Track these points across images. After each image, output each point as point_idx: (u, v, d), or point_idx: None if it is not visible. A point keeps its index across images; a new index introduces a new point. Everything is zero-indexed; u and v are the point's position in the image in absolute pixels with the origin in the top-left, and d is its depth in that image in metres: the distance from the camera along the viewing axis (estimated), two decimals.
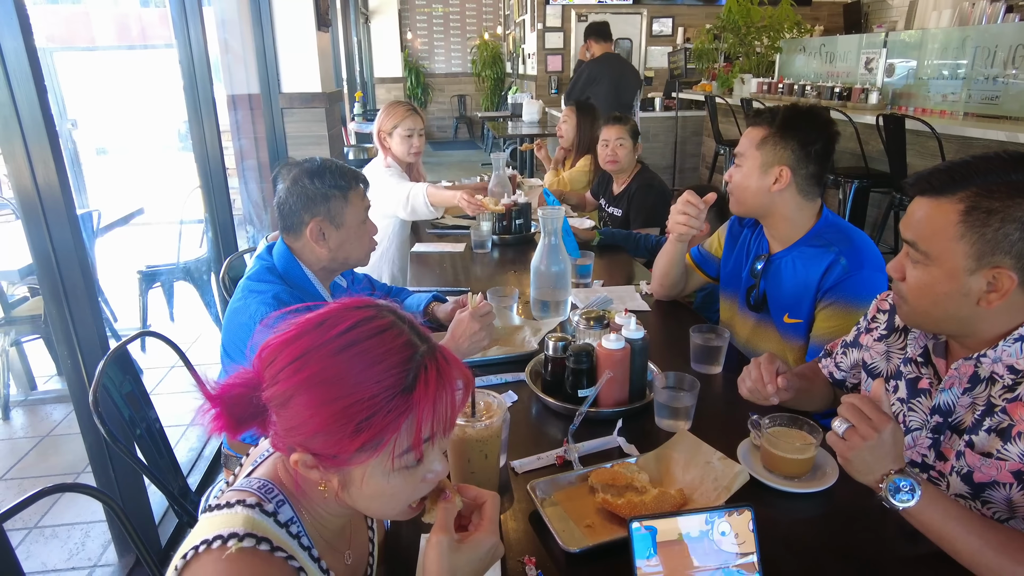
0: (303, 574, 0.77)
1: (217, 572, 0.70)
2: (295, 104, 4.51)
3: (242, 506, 0.77)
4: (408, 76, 12.89)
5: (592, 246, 2.74)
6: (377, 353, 0.73)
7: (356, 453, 0.73)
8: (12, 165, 1.82)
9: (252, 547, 0.73)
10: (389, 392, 0.72)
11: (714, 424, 1.41)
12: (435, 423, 0.75)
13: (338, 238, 1.59)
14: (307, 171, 1.56)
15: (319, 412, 0.72)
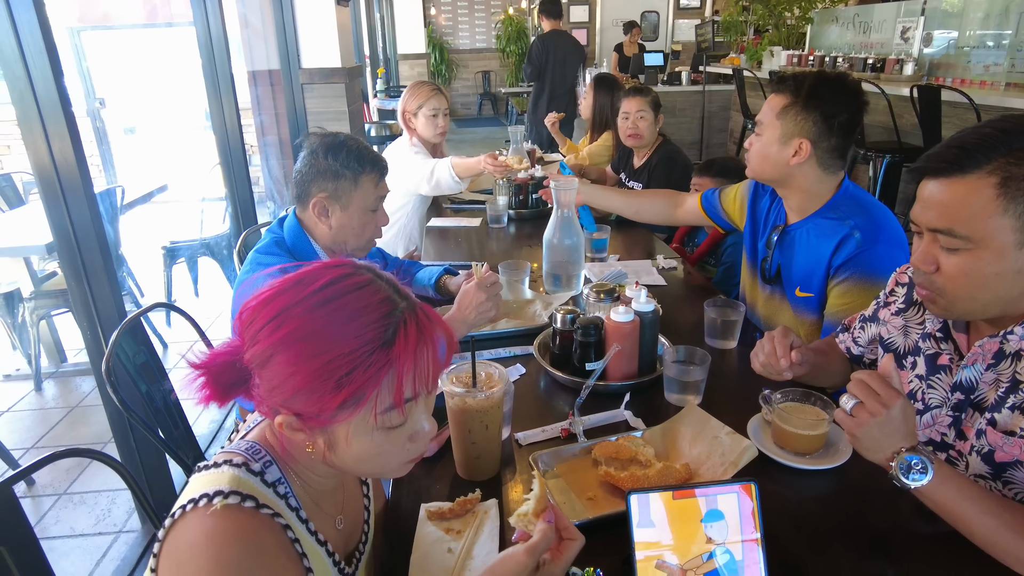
0: (289, 531, 0.77)
1: (203, 528, 0.70)
2: (315, 79, 4.50)
3: (229, 465, 0.77)
4: (432, 52, 12.78)
5: (610, 220, 2.69)
6: (356, 308, 0.73)
7: (338, 410, 0.72)
8: (30, 145, 1.84)
9: (237, 503, 0.73)
10: (369, 347, 0.71)
11: (725, 399, 1.37)
12: (416, 380, 0.74)
13: (340, 219, 1.56)
14: (325, 144, 1.53)
15: (299, 369, 0.71)
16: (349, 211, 1.56)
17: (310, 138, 1.57)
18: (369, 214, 1.59)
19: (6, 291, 3.33)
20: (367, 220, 1.59)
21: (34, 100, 1.79)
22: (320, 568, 0.82)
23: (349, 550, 0.93)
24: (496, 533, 1.01)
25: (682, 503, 0.88)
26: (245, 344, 0.75)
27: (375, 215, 1.61)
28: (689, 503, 0.88)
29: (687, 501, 0.89)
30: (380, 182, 1.59)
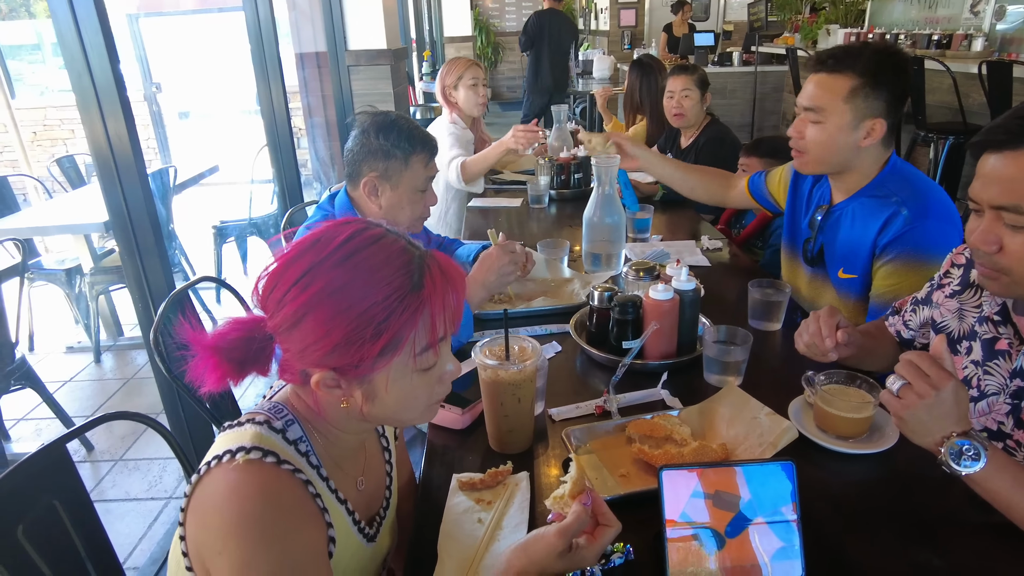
0: (310, 487, 0.79)
1: (227, 482, 0.73)
2: (361, 61, 4.53)
3: (251, 423, 0.79)
4: (478, 35, 12.74)
5: (655, 200, 2.64)
6: (379, 259, 0.75)
7: (378, 357, 0.74)
8: (88, 128, 1.90)
9: (259, 459, 0.75)
10: (400, 292, 0.74)
11: (767, 381, 1.33)
12: (446, 318, 0.78)
13: (390, 198, 1.56)
14: (376, 123, 1.52)
15: (336, 323, 0.72)
16: (399, 191, 1.55)
17: (361, 117, 1.57)
18: (418, 194, 1.58)
19: (69, 267, 3.48)
20: (416, 199, 1.59)
21: (92, 86, 1.85)
22: (341, 525, 0.83)
23: (371, 513, 0.95)
24: (526, 505, 1.00)
25: (716, 480, 0.86)
26: (268, 311, 0.76)
27: (424, 195, 1.60)
28: (723, 481, 0.86)
29: (721, 479, 0.86)
30: (430, 162, 1.59)
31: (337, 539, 0.82)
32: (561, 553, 0.77)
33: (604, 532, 0.81)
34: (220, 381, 0.77)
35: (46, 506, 1.07)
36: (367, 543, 0.90)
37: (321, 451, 0.85)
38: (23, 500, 1.04)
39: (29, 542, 1.02)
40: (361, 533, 0.88)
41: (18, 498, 1.03)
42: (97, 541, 1.14)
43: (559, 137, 3.08)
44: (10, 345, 2.51)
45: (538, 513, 1.00)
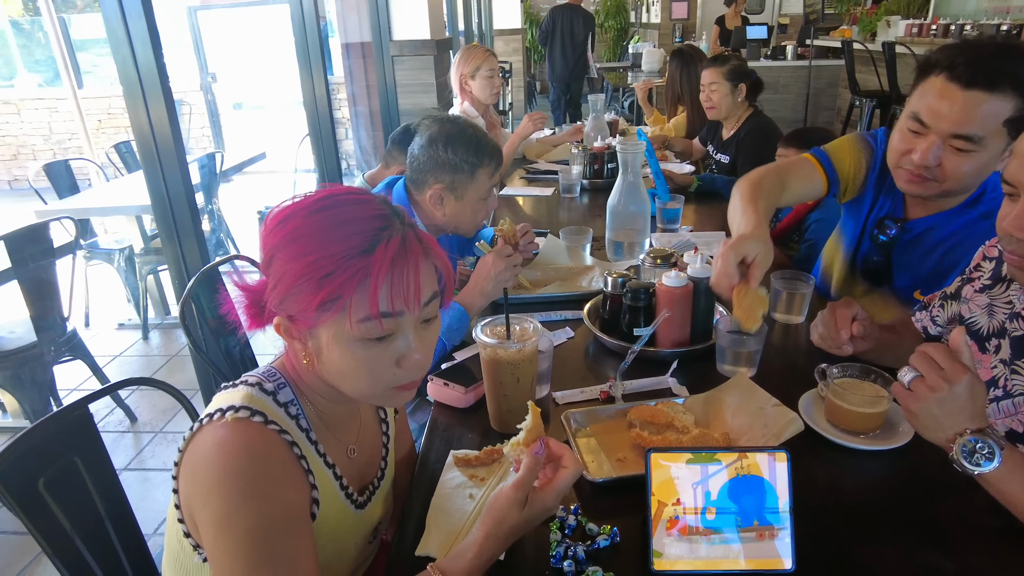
0: (296, 448, 0.81)
1: (215, 438, 0.76)
2: (404, 51, 4.58)
3: (245, 385, 0.82)
4: (529, 28, 12.71)
5: (689, 191, 2.60)
6: (346, 217, 0.77)
7: (318, 311, 0.75)
8: (134, 117, 1.98)
9: (246, 417, 0.77)
10: (350, 252, 0.74)
11: (783, 373, 1.30)
12: (394, 294, 0.75)
13: (454, 208, 1.56)
14: (445, 136, 1.52)
15: (292, 266, 0.75)
16: (463, 201, 1.56)
17: (427, 124, 1.56)
18: (482, 202, 1.59)
19: (121, 247, 3.64)
20: (479, 207, 1.60)
21: (137, 77, 1.93)
22: (327, 488, 0.85)
23: (364, 482, 0.96)
24: None
25: (705, 466, 0.84)
26: (261, 246, 0.79)
27: (486, 202, 1.61)
28: (712, 466, 0.84)
29: (711, 464, 0.84)
30: (495, 172, 1.59)
31: (322, 501, 0.84)
32: (520, 504, 0.78)
33: (561, 475, 0.81)
34: (250, 325, 0.82)
35: (68, 462, 1.12)
36: (355, 509, 0.91)
37: (312, 416, 0.87)
38: (46, 454, 1.09)
39: (50, 494, 1.07)
40: (349, 499, 0.90)
41: (42, 452, 1.08)
42: (115, 500, 1.19)
43: (595, 127, 3.05)
44: (62, 318, 2.64)
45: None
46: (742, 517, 0.83)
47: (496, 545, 0.78)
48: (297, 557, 0.74)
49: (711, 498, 0.84)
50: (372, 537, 0.99)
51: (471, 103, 2.94)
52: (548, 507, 0.80)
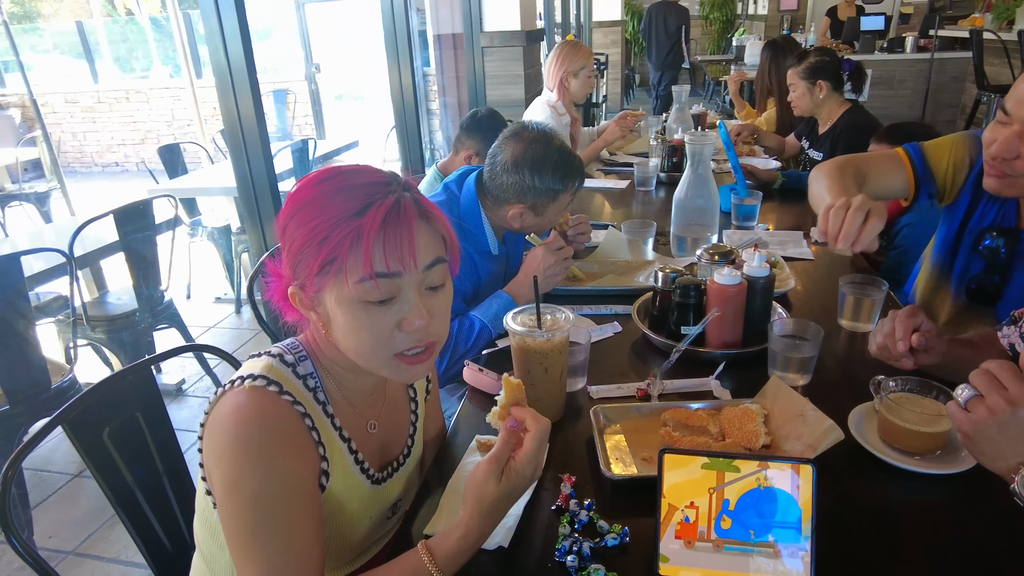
0: (308, 420, 0.83)
1: (232, 403, 0.79)
2: (495, 42, 4.61)
3: (268, 355, 0.86)
4: (629, 20, 12.47)
5: (773, 188, 2.47)
6: (346, 184, 0.79)
7: (319, 275, 0.77)
8: (224, 108, 2.11)
9: (263, 386, 0.80)
10: (345, 215, 0.76)
11: (838, 383, 1.21)
12: (388, 254, 0.76)
13: (533, 222, 1.54)
14: (531, 161, 1.46)
15: (297, 233, 0.78)
16: (543, 217, 1.54)
17: (513, 142, 1.49)
18: (557, 216, 1.57)
19: (220, 226, 3.90)
20: (555, 220, 1.58)
21: (228, 70, 2.05)
22: (339, 461, 0.87)
23: (386, 459, 0.98)
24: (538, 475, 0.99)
25: (723, 473, 0.80)
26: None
27: (560, 215, 1.59)
28: (731, 474, 0.79)
29: (729, 472, 0.80)
30: (577, 190, 1.56)
31: (332, 474, 0.86)
32: (495, 476, 0.77)
33: (527, 439, 0.80)
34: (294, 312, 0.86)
35: (130, 416, 1.21)
36: (371, 485, 0.93)
37: (331, 388, 0.89)
38: (112, 407, 1.19)
39: (112, 444, 1.16)
40: (364, 474, 0.91)
41: (108, 404, 1.18)
42: (172, 456, 1.27)
43: (678, 118, 2.95)
44: (160, 288, 2.87)
45: (546, 481, 0.98)
46: (757, 530, 0.78)
47: (482, 523, 0.77)
48: (296, 525, 0.77)
49: (728, 507, 0.80)
50: (391, 513, 1.00)
51: (562, 100, 2.93)
52: (526, 475, 0.79)
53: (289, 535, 0.76)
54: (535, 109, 2.95)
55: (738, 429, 1.01)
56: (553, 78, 2.95)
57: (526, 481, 0.79)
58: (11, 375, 2.05)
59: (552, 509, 0.93)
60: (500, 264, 1.65)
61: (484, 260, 1.57)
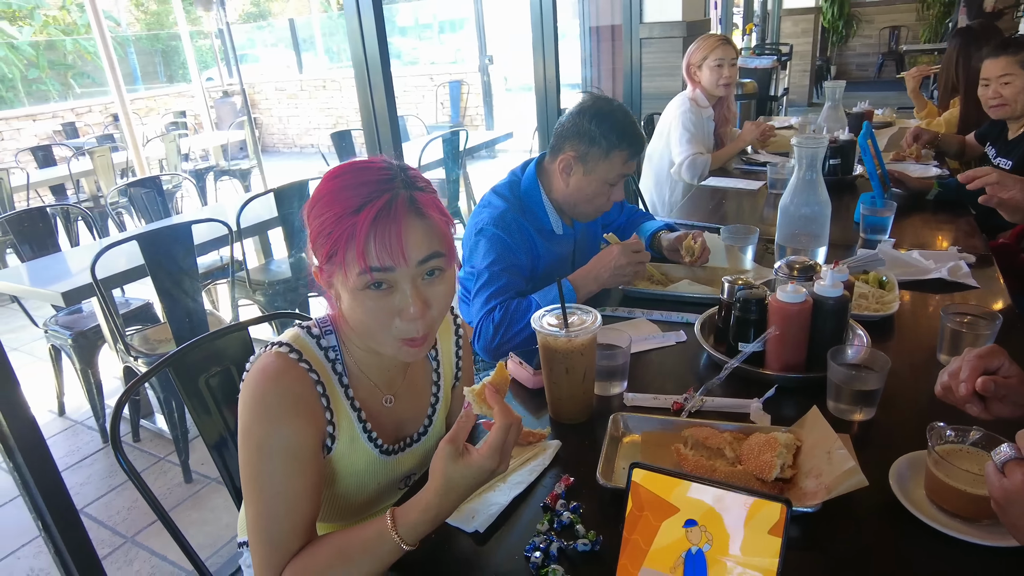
0: (320, 387, 0.92)
1: (259, 364, 0.91)
2: (654, 34, 4.49)
3: (299, 327, 0.97)
4: (827, 7, 11.40)
5: (926, 199, 2.18)
6: (352, 181, 0.85)
7: (326, 264, 0.85)
8: (361, 100, 2.30)
9: (285, 352, 0.92)
10: (345, 211, 0.82)
11: (904, 423, 1.07)
12: (378, 249, 0.81)
13: (579, 181, 1.57)
14: (594, 108, 1.54)
15: (314, 223, 0.86)
16: (590, 177, 1.56)
17: (585, 97, 1.61)
18: (606, 186, 1.58)
19: None
20: (602, 191, 1.59)
21: (365, 65, 2.23)
22: (347, 428, 0.96)
23: (401, 434, 1.05)
24: (538, 470, 1.00)
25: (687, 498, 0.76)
26: None
27: (612, 189, 1.59)
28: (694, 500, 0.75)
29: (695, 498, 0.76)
30: (630, 160, 1.57)
31: (339, 438, 0.95)
32: (451, 457, 0.80)
33: (492, 432, 0.81)
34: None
35: (225, 369, 1.41)
36: (381, 455, 1.00)
37: (350, 362, 0.98)
38: (212, 359, 1.39)
39: (208, 390, 1.36)
40: (373, 443, 0.99)
41: (209, 357, 1.38)
42: None
43: (829, 117, 2.69)
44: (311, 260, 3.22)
45: (541, 483, 0.99)
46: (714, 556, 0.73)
47: (443, 501, 0.80)
48: (292, 476, 0.86)
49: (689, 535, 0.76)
50: (403, 484, 1.08)
51: (702, 91, 2.84)
52: (484, 466, 0.80)
53: (285, 484, 0.86)
54: (676, 100, 2.87)
55: (755, 457, 0.94)
56: (686, 74, 2.87)
57: (487, 473, 0.81)
58: (178, 321, 2.44)
59: (540, 506, 0.94)
60: (565, 247, 1.68)
61: (545, 239, 1.61)
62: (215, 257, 3.26)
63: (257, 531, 0.86)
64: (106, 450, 2.84)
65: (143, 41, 12.50)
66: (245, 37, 12.94)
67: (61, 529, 1.50)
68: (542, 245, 1.60)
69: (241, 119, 6.67)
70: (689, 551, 0.73)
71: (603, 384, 1.20)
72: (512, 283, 1.51)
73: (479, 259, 1.53)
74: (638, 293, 1.59)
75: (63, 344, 2.79)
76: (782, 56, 7.47)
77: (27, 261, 2.96)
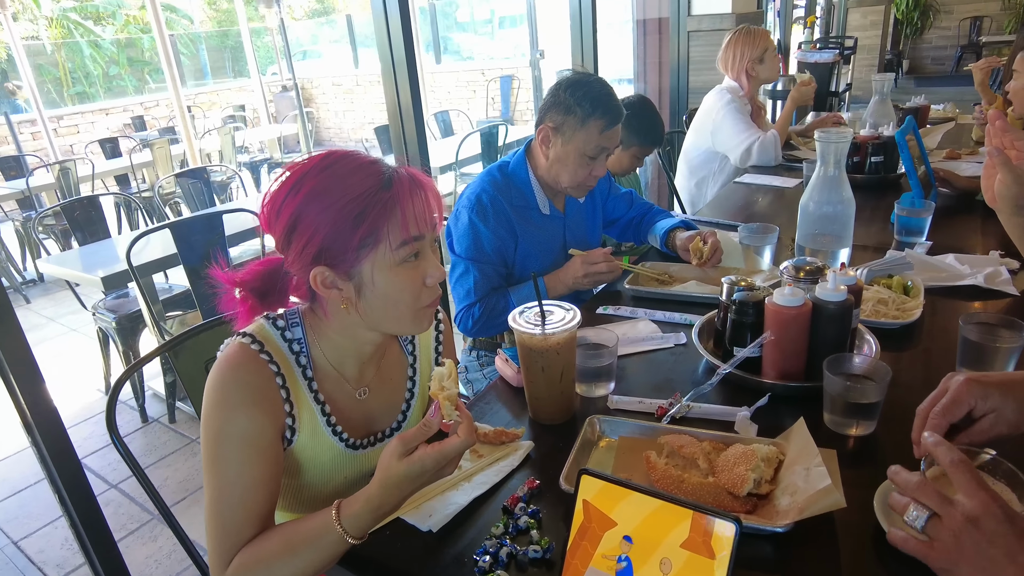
0: (279, 378, 0.92)
1: (224, 353, 0.92)
2: (702, 26, 4.36)
3: (265, 318, 0.96)
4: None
5: (976, 200, 2.03)
6: (353, 166, 0.87)
7: (359, 248, 0.86)
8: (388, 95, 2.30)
9: (247, 343, 0.92)
10: (373, 189, 0.85)
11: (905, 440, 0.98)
12: (418, 218, 0.87)
13: (558, 152, 1.57)
14: (570, 80, 1.56)
15: (323, 219, 0.85)
16: (568, 147, 1.56)
17: (565, 71, 1.62)
18: (585, 159, 1.56)
19: None
20: (582, 164, 1.57)
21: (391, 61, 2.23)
22: (308, 422, 0.95)
23: (371, 429, 1.04)
24: (504, 471, 0.98)
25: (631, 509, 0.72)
26: (270, 224, 0.89)
27: (592, 163, 1.57)
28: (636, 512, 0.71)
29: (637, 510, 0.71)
30: (607, 130, 1.54)
31: (300, 430, 0.94)
32: (398, 456, 0.79)
33: (447, 442, 0.80)
34: (247, 315, 0.95)
35: None
36: (347, 448, 1.00)
37: (317, 355, 0.97)
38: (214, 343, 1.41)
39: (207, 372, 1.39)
40: (338, 436, 0.98)
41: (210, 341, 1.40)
42: None
43: (876, 111, 2.54)
44: None
45: (507, 486, 0.96)
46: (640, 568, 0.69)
47: (386, 496, 0.79)
48: (246, 465, 0.87)
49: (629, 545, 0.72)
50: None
51: (749, 86, 2.75)
52: (427, 469, 0.79)
53: (240, 472, 0.86)
54: (715, 94, 2.78)
55: (729, 470, 0.88)
56: (735, 68, 2.76)
57: (428, 475, 0.80)
58: (209, 307, 2.52)
59: (501, 508, 0.92)
60: (553, 230, 1.69)
61: (526, 219, 1.63)
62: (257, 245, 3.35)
63: (212, 516, 0.87)
64: (144, 429, 2.97)
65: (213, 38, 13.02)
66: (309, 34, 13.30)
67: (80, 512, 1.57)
68: (521, 225, 1.62)
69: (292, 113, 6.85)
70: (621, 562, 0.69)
71: (588, 385, 1.16)
72: (486, 273, 1.59)
73: (456, 242, 1.62)
74: (642, 292, 1.54)
75: (108, 327, 2.92)
76: (845, 50, 7.13)
77: (80, 247, 3.11)
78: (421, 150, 2.35)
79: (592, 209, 1.80)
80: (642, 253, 1.90)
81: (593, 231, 1.81)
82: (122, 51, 12.10)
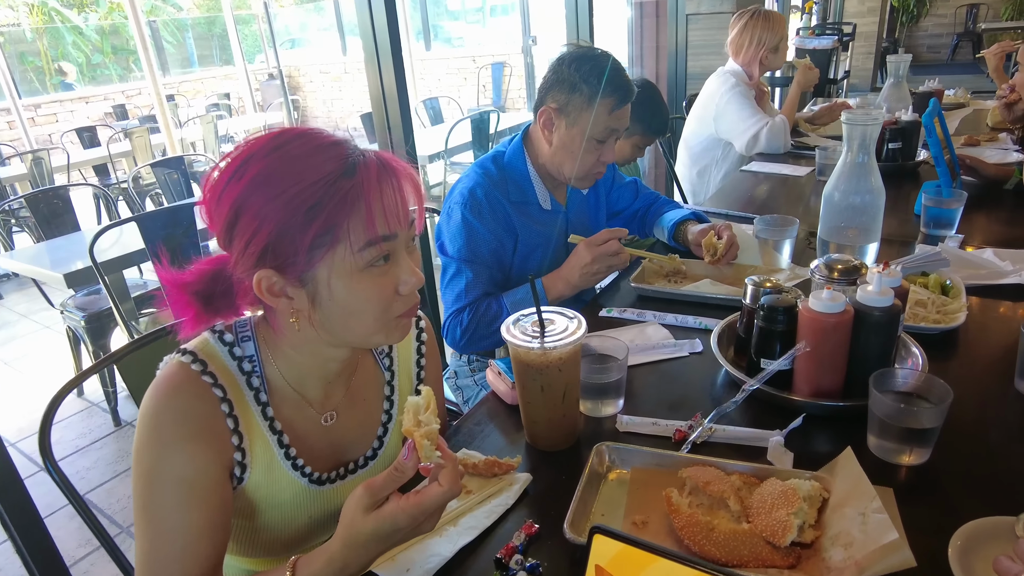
0: (225, 405, 0.76)
1: (161, 374, 0.77)
2: (701, 9, 4.20)
3: (210, 332, 0.80)
4: None
5: (1005, 188, 1.89)
6: (309, 147, 0.71)
7: (312, 249, 0.69)
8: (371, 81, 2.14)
9: (187, 363, 0.76)
10: (331, 176, 0.68)
11: (967, 472, 0.84)
12: (387, 213, 0.70)
13: (562, 136, 1.39)
14: (574, 54, 1.38)
15: (270, 208, 0.68)
16: (573, 131, 1.38)
17: (565, 47, 1.44)
18: (593, 143, 1.39)
19: None
20: (590, 149, 1.40)
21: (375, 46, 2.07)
22: (262, 455, 0.80)
23: (340, 460, 0.88)
24: (497, 513, 0.82)
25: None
26: (211, 214, 0.73)
27: (600, 147, 1.40)
28: None
29: None
30: (617, 109, 1.37)
31: (252, 466, 0.79)
32: (364, 509, 0.64)
33: (426, 493, 0.65)
34: (193, 322, 0.77)
35: None
36: (311, 485, 0.84)
37: (273, 375, 0.81)
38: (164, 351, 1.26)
39: None
40: (299, 471, 0.83)
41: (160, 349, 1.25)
42: None
43: (892, 95, 2.40)
44: None
45: (503, 528, 0.81)
46: None
47: (351, 554, 0.65)
48: (184, 511, 0.72)
49: None
50: None
51: (756, 72, 2.59)
52: (400, 526, 0.64)
53: (178, 519, 0.72)
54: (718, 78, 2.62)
55: (767, 514, 0.74)
56: (747, 53, 2.58)
57: (402, 533, 0.65)
58: None
59: (493, 559, 0.77)
60: (553, 226, 1.52)
61: (526, 215, 1.46)
62: None
63: (143, 572, 0.71)
64: (116, 434, 2.80)
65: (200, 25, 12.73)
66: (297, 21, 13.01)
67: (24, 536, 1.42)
68: (520, 221, 1.44)
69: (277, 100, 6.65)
70: None
71: (593, 403, 1.01)
72: (480, 276, 1.40)
73: (448, 242, 1.42)
74: (650, 292, 1.39)
75: (77, 326, 2.75)
76: (844, 36, 6.99)
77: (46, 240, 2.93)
78: (407, 137, 2.19)
79: (596, 201, 1.65)
80: (648, 246, 1.74)
81: (597, 225, 1.65)
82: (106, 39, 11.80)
